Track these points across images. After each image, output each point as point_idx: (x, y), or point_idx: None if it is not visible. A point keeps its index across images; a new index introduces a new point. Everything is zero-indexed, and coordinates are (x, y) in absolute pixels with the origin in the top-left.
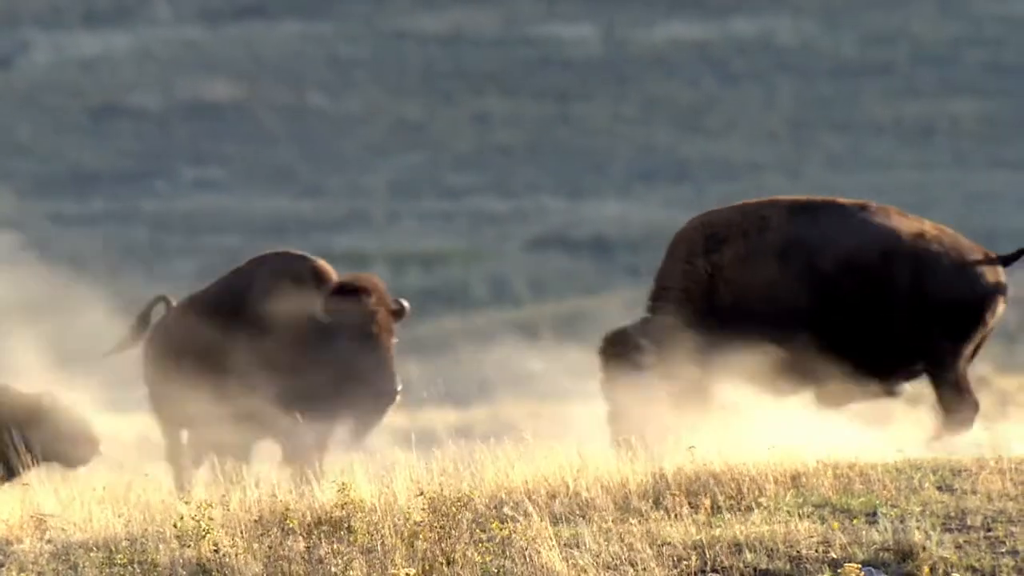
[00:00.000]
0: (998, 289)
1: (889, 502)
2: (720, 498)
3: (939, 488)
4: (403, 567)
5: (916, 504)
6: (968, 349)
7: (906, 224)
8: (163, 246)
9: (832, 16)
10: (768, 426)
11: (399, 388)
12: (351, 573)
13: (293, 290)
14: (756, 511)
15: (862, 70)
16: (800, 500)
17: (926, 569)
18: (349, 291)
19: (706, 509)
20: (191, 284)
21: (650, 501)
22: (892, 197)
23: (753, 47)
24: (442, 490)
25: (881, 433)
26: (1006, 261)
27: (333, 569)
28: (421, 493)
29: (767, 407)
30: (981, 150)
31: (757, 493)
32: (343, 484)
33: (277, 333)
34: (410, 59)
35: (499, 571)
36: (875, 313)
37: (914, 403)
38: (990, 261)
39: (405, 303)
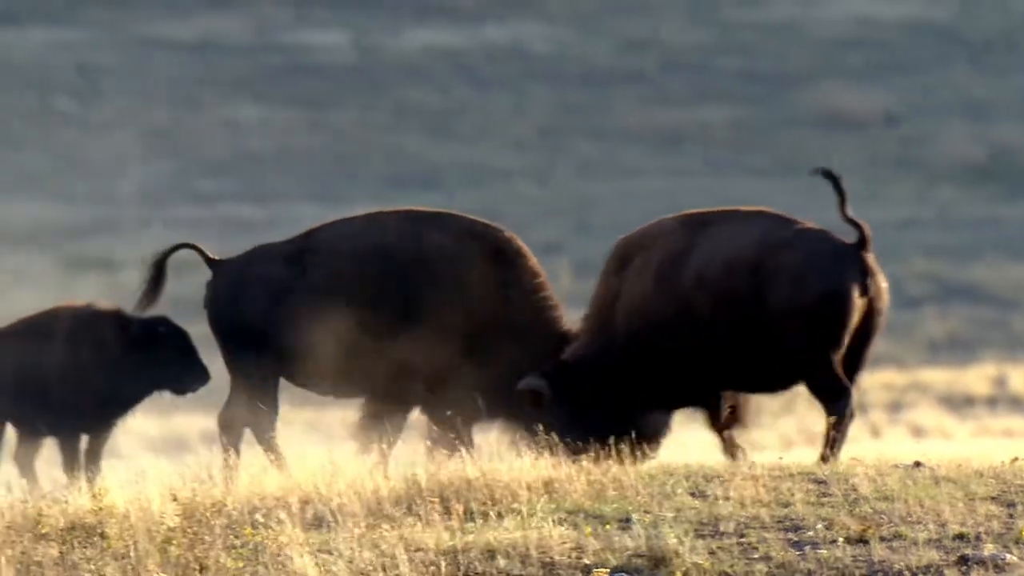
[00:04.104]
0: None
1: (642, 508)
2: (473, 504)
3: (692, 494)
4: (157, 573)
5: (669, 510)
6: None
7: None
8: None
9: (584, 24)
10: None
11: None
12: None
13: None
14: (509, 517)
15: (614, 77)
16: (553, 506)
17: (679, 575)
18: None
19: (459, 515)
20: None
21: (403, 507)
22: (643, 204)
23: (505, 54)
24: (195, 496)
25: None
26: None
27: (86, 575)
28: (175, 499)
29: None
30: (732, 157)
31: (510, 499)
32: (97, 490)
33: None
34: (160, 66)
35: None
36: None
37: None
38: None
39: None
